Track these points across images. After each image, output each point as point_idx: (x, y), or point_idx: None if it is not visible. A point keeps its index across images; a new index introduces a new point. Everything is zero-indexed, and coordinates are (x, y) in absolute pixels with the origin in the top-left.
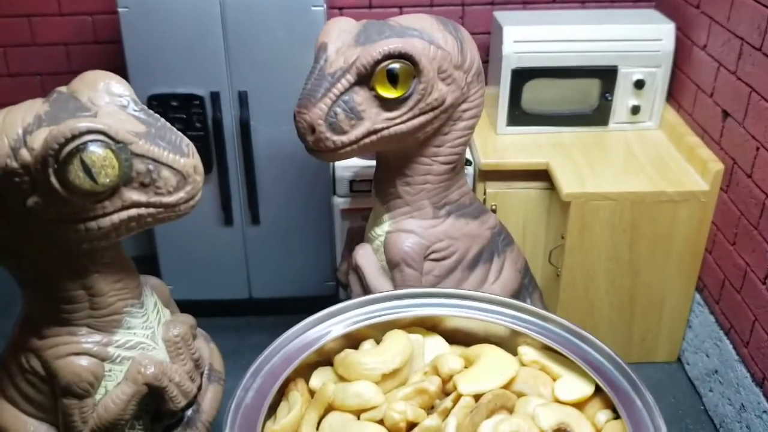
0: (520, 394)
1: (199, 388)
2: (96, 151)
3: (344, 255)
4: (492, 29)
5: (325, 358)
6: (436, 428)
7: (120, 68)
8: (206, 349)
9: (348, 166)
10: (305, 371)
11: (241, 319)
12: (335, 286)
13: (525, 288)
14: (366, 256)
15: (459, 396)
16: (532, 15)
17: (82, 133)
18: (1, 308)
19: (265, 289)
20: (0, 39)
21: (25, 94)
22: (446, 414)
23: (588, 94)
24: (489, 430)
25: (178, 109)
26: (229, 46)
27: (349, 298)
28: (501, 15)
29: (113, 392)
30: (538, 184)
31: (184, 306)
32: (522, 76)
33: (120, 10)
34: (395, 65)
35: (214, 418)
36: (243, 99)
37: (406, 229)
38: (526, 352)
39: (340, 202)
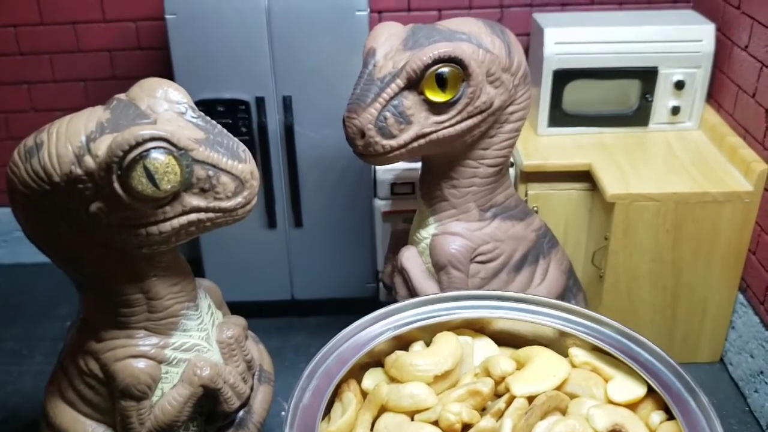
0: (572, 396)
1: (251, 390)
2: (159, 158)
3: (388, 257)
4: (531, 31)
5: (374, 360)
6: (492, 430)
7: (164, 74)
8: (256, 350)
9: (389, 169)
10: (356, 372)
11: (283, 320)
12: (375, 288)
13: (569, 290)
14: (411, 259)
15: (512, 397)
16: (571, 17)
17: (145, 140)
18: (43, 308)
19: (306, 290)
20: (46, 45)
21: (69, 100)
22: (499, 415)
23: (628, 95)
24: (544, 431)
25: (224, 115)
26: (275, 51)
27: (394, 300)
28: (541, 17)
29: (170, 394)
30: (579, 185)
31: (228, 307)
32: (563, 78)
33: (167, 16)
34: (444, 69)
35: (264, 419)
36: (287, 104)
37: (453, 231)
38: (577, 353)
39: (381, 204)
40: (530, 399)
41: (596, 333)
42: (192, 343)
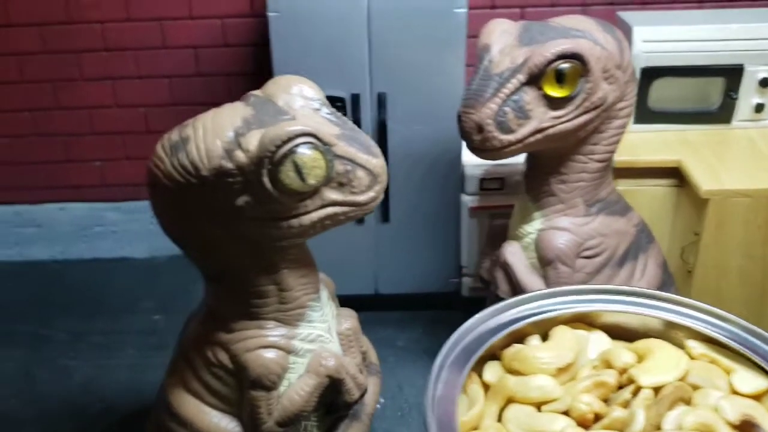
0: (694, 387)
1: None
2: (307, 153)
3: (486, 252)
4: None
5: (488, 354)
6: (623, 420)
7: (250, 70)
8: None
9: (478, 164)
10: (474, 366)
11: (366, 314)
12: (458, 283)
13: (665, 284)
14: (515, 254)
15: (638, 389)
16: (657, 15)
17: (297, 135)
18: (126, 303)
19: (390, 285)
20: (132, 42)
21: (153, 96)
22: (625, 406)
23: (712, 93)
24: (673, 421)
25: None
26: (372, 49)
27: (496, 296)
28: (626, 15)
29: (297, 384)
30: (666, 181)
31: None
32: (650, 75)
33: (270, 14)
34: (565, 65)
35: (374, 410)
36: (382, 100)
37: (560, 226)
38: (694, 345)
39: (468, 200)
40: (656, 390)
41: (712, 325)
42: (317, 334)
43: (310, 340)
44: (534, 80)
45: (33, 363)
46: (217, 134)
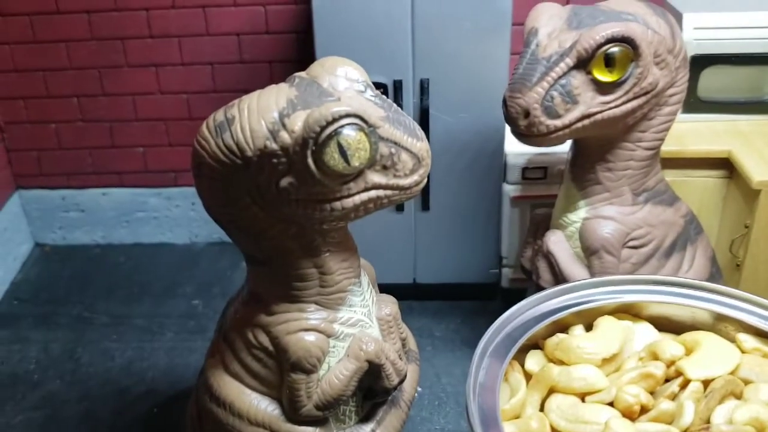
0: (746, 381)
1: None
2: (351, 134)
3: (528, 242)
4: None
5: (531, 343)
6: (672, 413)
7: (292, 57)
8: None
9: (521, 153)
10: (516, 354)
11: (404, 303)
12: (498, 274)
13: (713, 277)
14: (559, 243)
15: (686, 381)
16: (705, 0)
17: (341, 116)
18: (167, 287)
19: (429, 274)
20: (175, 29)
21: (196, 83)
22: (672, 398)
23: (764, 82)
24: (724, 415)
25: None
26: (416, 35)
27: (538, 286)
28: (676, 1)
29: (336, 368)
30: (715, 172)
31: None
32: (700, 63)
33: (314, 1)
34: (615, 49)
35: (413, 397)
36: (424, 87)
37: (606, 215)
38: (746, 339)
39: (510, 189)
40: (705, 383)
41: (765, 318)
42: (357, 319)
43: (351, 324)
44: (582, 64)
45: (76, 345)
46: (262, 115)
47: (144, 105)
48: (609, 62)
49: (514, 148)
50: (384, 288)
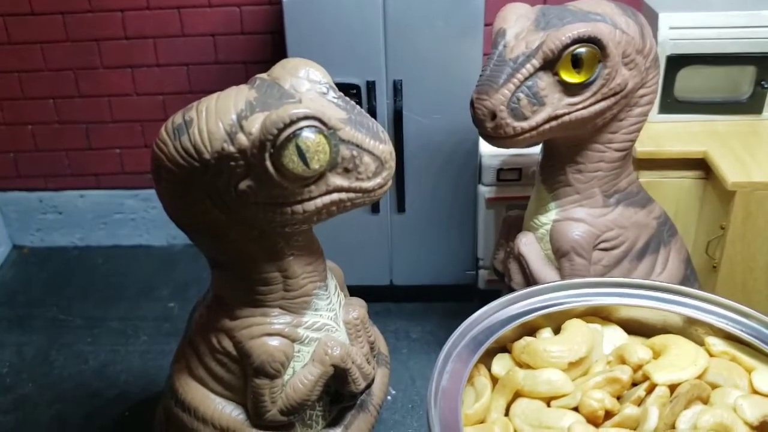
0: (713, 386)
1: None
2: (310, 137)
3: (500, 244)
4: (642, 14)
5: (499, 345)
6: (636, 417)
7: (266, 58)
8: (374, 332)
9: (495, 155)
10: (483, 358)
11: (380, 305)
12: (474, 276)
13: (687, 279)
14: (529, 245)
15: (653, 386)
16: (682, 0)
17: (300, 119)
18: (144, 290)
19: (405, 276)
20: (151, 30)
21: (172, 84)
22: (639, 403)
23: (741, 82)
24: (689, 420)
25: None
26: (388, 35)
27: (510, 288)
28: (652, 0)
29: (301, 373)
30: (691, 173)
31: None
32: (676, 63)
33: (284, 1)
34: (582, 49)
35: (383, 401)
36: (398, 88)
37: (576, 217)
38: (714, 342)
39: (485, 190)
40: (671, 388)
41: (734, 322)
42: (322, 323)
43: (316, 328)
44: (549, 65)
45: (51, 348)
46: (220, 117)
47: (120, 106)
48: (576, 63)
49: (489, 150)
50: (361, 290)
